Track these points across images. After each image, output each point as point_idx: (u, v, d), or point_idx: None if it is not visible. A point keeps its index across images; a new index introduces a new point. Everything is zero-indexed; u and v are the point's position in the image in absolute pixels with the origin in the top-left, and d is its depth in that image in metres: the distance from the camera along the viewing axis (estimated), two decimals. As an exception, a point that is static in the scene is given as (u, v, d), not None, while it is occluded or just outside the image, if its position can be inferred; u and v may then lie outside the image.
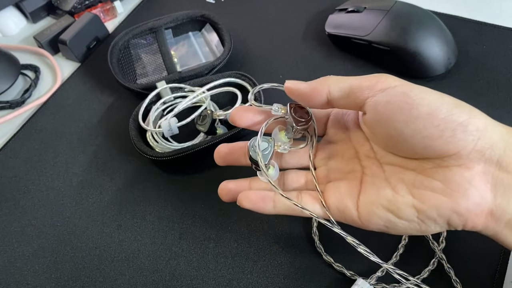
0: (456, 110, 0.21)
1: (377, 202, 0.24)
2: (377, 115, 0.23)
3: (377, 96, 0.23)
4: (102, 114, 0.42)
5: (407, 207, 0.23)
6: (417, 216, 0.22)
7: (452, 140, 0.21)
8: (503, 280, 0.29)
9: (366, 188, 0.25)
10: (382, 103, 0.23)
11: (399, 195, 0.23)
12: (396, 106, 0.22)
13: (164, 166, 0.37)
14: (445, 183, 0.22)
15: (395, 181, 0.24)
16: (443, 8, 0.47)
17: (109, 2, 0.51)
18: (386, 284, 0.29)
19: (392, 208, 0.23)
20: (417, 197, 0.22)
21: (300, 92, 0.26)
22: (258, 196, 0.26)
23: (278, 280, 0.31)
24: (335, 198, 0.25)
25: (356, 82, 0.24)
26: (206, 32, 0.47)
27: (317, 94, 0.25)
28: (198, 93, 0.39)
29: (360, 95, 0.24)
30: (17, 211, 0.36)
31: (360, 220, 0.24)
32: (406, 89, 0.23)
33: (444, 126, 0.21)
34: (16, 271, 0.33)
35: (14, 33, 0.51)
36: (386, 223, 0.23)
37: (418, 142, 0.22)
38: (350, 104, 0.25)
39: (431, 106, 0.22)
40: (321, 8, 0.49)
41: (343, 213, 0.25)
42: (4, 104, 0.43)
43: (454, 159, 0.21)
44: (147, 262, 0.32)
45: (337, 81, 0.25)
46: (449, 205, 0.21)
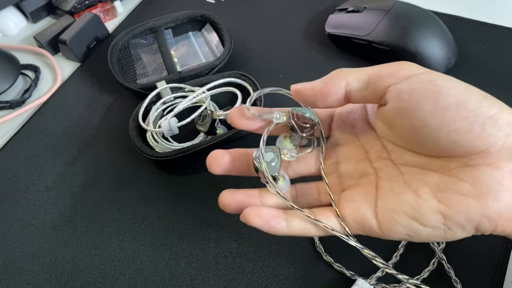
0: (485, 102, 0.19)
1: (399, 209, 0.21)
2: (401, 104, 0.21)
3: (401, 84, 0.21)
4: (102, 114, 0.42)
5: (432, 213, 0.20)
6: (444, 222, 0.20)
7: (482, 135, 0.19)
8: (503, 280, 0.29)
9: (383, 194, 0.22)
10: (407, 91, 0.20)
11: (422, 199, 0.21)
12: (422, 94, 0.20)
13: (164, 166, 0.37)
14: (474, 184, 0.20)
15: (417, 184, 0.21)
16: (443, 8, 0.47)
17: (109, 2, 0.51)
18: (386, 284, 0.29)
19: (416, 215, 0.21)
20: (443, 202, 0.20)
21: (312, 91, 0.23)
22: (269, 214, 0.22)
23: (278, 280, 0.31)
24: (350, 209, 0.23)
25: (374, 70, 0.22)
26: (206, 32, 0.47)
27: (333, 88, 0.22)
28: (198, 93, 0.39)
29: (381, 84, 0.21)
30: (17, 211, 0.36)
31: (381, 230, 0.22)
32: (433, 77, 0.20)
33: (473, 118, 0.19)
34: (16, 271, 0.33)
35: (14, 33, 0.51)
36: (410, 231, 0.21)
37: (444, 135, 0.20)
38: (369, 96, 0.22)
39: (460, 96, 0.20)
40: (321, 8, 0.49)
41: (361, 224, 0.22)
42: (4, 104, 0.43)
43: (482, 157, 0.19)
44: (147, 262, 0.32)
45: (352, 71, 0.22)
46: (479, 209, 0.19)
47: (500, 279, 0.29)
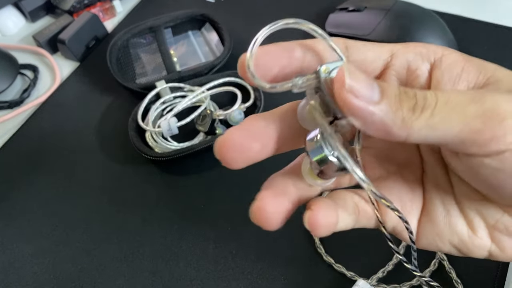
0: None
1: (445, 238, 0.19)
2: (481, 176, 0.16)
3: (487, 159, 0.15)
4: (101, 113, 0.42)
5: (480, 250, 0.18)
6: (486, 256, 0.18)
7: None
8: (504, 280, 0.29)
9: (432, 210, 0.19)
10: (493, 170, 0.15)
11: (477, 236, 0.18)
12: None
13: (164, 166, 0.37)
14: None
15: (472, 213, 0.18)
16: (444, 7, 0.47)
17: (108, 1, 0.51)
18: (386, 285, 0.29)
19: (461, 247, 0.18)
20: (496, 243, 0.18)
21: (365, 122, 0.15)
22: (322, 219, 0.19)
23: (278, 281, 0.31)
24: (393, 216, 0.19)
25: (466, 128, 0.14)
26: (205, 31, 0.47)
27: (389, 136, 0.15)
28: (197, 93, 0.39)
29: (462, 149, 0.15)
30: (16, 211, 0.36)
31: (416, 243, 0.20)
32: None
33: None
34: (15, 271, 0.33)
35: (13, 33, 0.51)
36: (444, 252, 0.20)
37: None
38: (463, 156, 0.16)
39: None
40: (322, 7, 0.49)
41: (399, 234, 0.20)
42: (3, 104, 0.43)
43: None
44: (146, 262, 0.32)
45: (424, 120, 0.15)
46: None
47: (501, 280, 0.29)
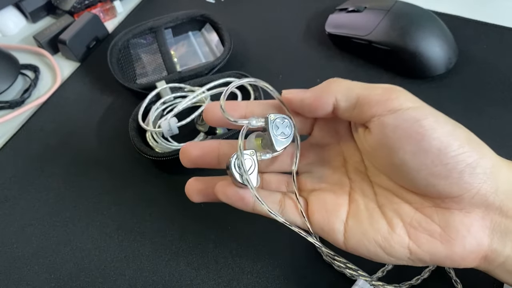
0: (467, 148, 0.20)
1: (370, 236, 0.21)
2: (383, 138, 0.21)
3: (386, 117, 0.20)
4: (101, 114, 0.42)
5: (401, 247, 0.21)
6: (409, 256, 0.21)
7: (458, 182, 0.20)
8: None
9: (357, 211, 0.22)
10: (390, 127, 0.20)
11: (395, 233, 0.21)
12: (405, 134, 0.20)
13: (164, 166, 0.37)
14: (444, 228, 0.20)
15: (391, 213, 0.22)
16: (444, 8, 0.47)
17: (108, 1, 0.51)
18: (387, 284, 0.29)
19: (385, 246, 0.21)
20: (413, 239, 0.21)
21: (302, 103, 0.23)
22: (237, 194, 0.23)
23: (278, 281, 0.31)
24: (320, 216, 0.23)
25: (365, 93, 0.21)
26: (206, 31, 0.47)
27: (322, 103, 0.22)
28: (198, 93, 0.39)
29: (367, 110, 0.21)
30: (17, 211, 0.36)
31: (345, 246, 0.22)
32: (420, 115, 0.20)
33: (452, 165, 0.19)
34: (16, 271, 0.33)
35: (14, 33, 0.51)
36: (373, 256, 0.22)
37: (422, 177, 0.20)
38: (355, 118, 0.22)
39: (443, 141, 0.19)
40: (321, 8, 0.49)
41: (327, 234, 0.23)
42: (4, 104, 0.43)
43: (456, 202, 0.20)
44: (147, 262, 0.32)
45: (344, 88, 0.22)
46: (445, 252, 0.20)
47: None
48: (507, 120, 0.37)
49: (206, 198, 0.25)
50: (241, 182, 0.22)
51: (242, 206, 0.23)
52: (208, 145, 0.26)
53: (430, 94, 0.40)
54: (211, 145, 0.26)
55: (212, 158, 0.25)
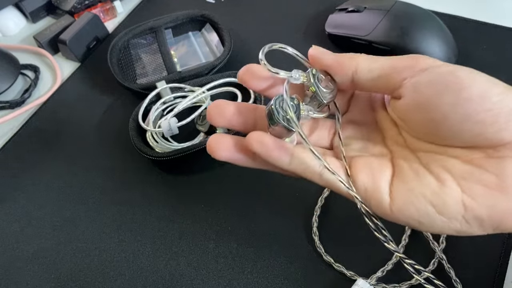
0: (509, 94, 0.19)
1: (418, 191, 0.20)
2: (419, 97, 0.20)
3: (418, 77, 0.20)
4: (102, 114, 0.42)
5: (455, 202, 0.19)
6: (463, 215, 0.19)
7: (507, 126, 0.18)
8: (503, 280, 0.29)
9: (402, 172, 0.21)
10: (425, 84, 0.20)
11: (445, 186, 0.19)
12: (442, 86, 0.19)
13: (164, 166, 0.37)
14: (500, 176, 0.18)
15: (438, 169, 0.20)
16: (443, 8, 0.47)
17: (109, 2, 0.51)
18: (386, 284, 0.29)
19: (436, 202, 0.19)
20: (467, 192, 0.19)
21: (323, 63, 0.22)
22: (275, 143, 0.21)
23: (278, 280, 0.31)
24: (365, 175, 0.21)
25: (389, 62, 0.21)
26: (206, 32, 0.47)
27: (342, 70, 0.21)
28: (198, 93, 0.39)
29: (396, 76, 0.20)
30: (17, 211, 0.36)
31: (391, 209, 0.20)
32: (453, 68, 0.19)
33: (497, 110, 0.18)
34: (16, 271, 0.33)
35: (14, 33, 0.51)
36: (423, 217, 0.19)
37: (468, 128, 0.19)
38: (380, 87, 0.21)
39: (483, 88, 0.19)
40: (321, 8, 0.49)
41: (371, 196, 0.21)
42: (4, 104, 0.43)
43: (509, 149, 0.18)
44: (147, 262, 0.32)
45: (367, 59, 0.21)
46: (504, 204, 0.18)
47: (500, 279, 0.29)
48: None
49: (233, 155, 0.22)
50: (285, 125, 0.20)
51: (279, 158, 0.21)
52: (243, 105, 0.23)
53: (430, 94, 0.40)
54: (247, 106, 0.24)
55: (249, 118, 0.23)
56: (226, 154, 0.22)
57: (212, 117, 0.23)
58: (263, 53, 0.22)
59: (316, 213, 0.33)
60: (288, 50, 0.23)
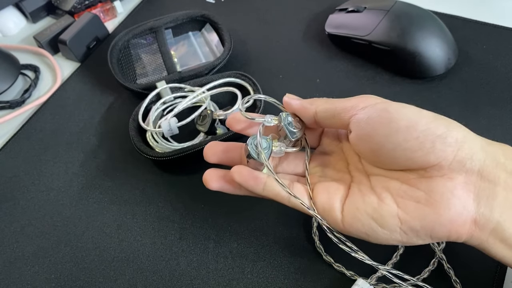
0: (434, 124, 0.22)
1: (362, 209, 0.24)
2: (360, 131, 0.24)
3: (359, 114, 0.24)
4: (102, 114, 0.42)
5: (391, 216, 0.23)
6: (400, 227, 0.23)
7: (433, 151, 0.22)
8: (503, 280, 0.29)
9: (352, 194, 0.25)
10: (364, 120, 0.24)
11: (384, 203, 0.23)
12: (376, 121, 0.23)
13: (164, 166, 0.37)
14: (428, 193, 0.22)
15: (381, 190, 0.24)
16: (443, 8, 0.47)
17: (109, 2, 0.51)
18: (386, 284, 0.29)
19: (376, 216, 0.23)
20: (402, 207, 0.23)
21: (292, 108, 0.27)
22: (251, 174, 0.26)
23: (278, 280, 0.31)
24: (323, 197, 0.25)
25: (340, 103, 0.25)
26: (206, 32, 0.47)
27: (305, 112, 0.26)
28: (198, 93, 0.39)
29: (345, 115, 0.25)
30: (17, 211, 0.36)
31: (343, 224, 0.24)
32: (386, 105, 0.24)
33: (423, 138, 0.22)
34: (16, 271, 0.33)
35: (14, 33, 0.51)
36: (368, 230, 0.23)
37: (399, 154, 0.23)
38: (336, 124, 0.26)
39: (410, 120, 0.22)
40: (321, 8, 0.49)
41: (328, 213, 0.25)
42: (4, 104, 0.43)
43: (437, 170, 0.22)
44: (147, 262, 0.32)
45: (323, 102, 0.26)
46: (432, 216, 0.22)
47: (500, 279, 0.29)
48: (507, 120, 0.37)
49: (222, 185, 0.27)
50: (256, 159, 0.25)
51: (254, 186, 0.26)
52: (232, 144, 0.29)
53: (429, 94, 0.40)
54: (234, 145, 0.29)
55: (235, 154, 0.29)
56: (216, 184, 0.27)
57: (206, 156, 0.29)
58: (242, 105, 0.29)
59: (316, 213, 0.33)
60: (268, 99, 0.28)
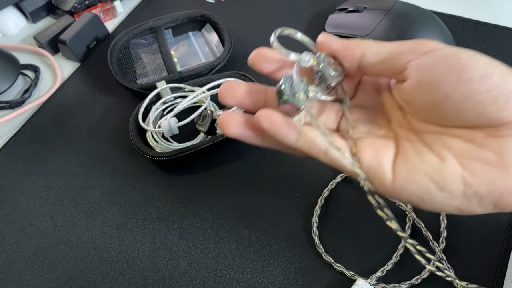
0: (509, 76, 0.20)
1: (419, 168, 0.20)
2: (422, 78, 0.21)
3: (422, 59, 0.21)
4: (102, 114, 0.42)
5: (455, 178, 0.20)
6: (463, 190, 0.20)
7: (507, 106, 0.19)
8: (503, 280, 0.29)
9: (404, 151, 0.21)
10: (429, 65, 0.20)
11: (446, 163, 0.20)
12: (446, 67, 0.20)
13: (164, 166, 0.37)
14: (499, 154, 0.19)
15: (440, 148, 0.21)
16: (443, 8, 0.47)
17: (109, 2, 0.51)
18: (386, 284, 0.29)
19: (437, 178, 0.20)
20: (467, 169, 0.20)
21: (331, 48, 0.23)
22: (283, 120, 0.21)
23: (278, 280, 0.31)
24: (369, 154, 0.22)
25: (394, 46, 0.22)
26: (206, 32, 0.47)
27: (350, 54, 0.22)
28: (198, 93, 0.39)
29: (401, 59, 0.21)
30: (17, 211, 0.36)
31: (393, 186, 0.21)
32: (456, 50, 0.20)
33: (498, 91, 0.19)
34: (16, 271, 0.33)
35: (14, 33, 0.51)
36: (425, 194, 0.20)
37: (469, 108, 0.20)
38: (386, 70, 0.22)
39: (484, 69, 0.20)
40: (321, 8, 0.49)
41: (374, 174, 0.21)
42: (4, 104, 0.43)
43: (508, 128, 0.19)
44: (147, 262, 0.32)
45: (373, 44, 0.22)
46: (503, 180, 0.19)
47: (500, 279, 0.29)
48: (507, 120, 0.37)
49: (244, 132, 0.23)
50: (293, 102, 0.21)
51: (287, 134, 0.22)
52: (254, 86, 0.24)
53: (430, 94, 0.40)
54: (258, 86, 0.24)
55: (259, 98, 0.24)
56: (236, 130, 0.22)
57: (224, 96, 0.23)
58: (275, 36, 0.23)
59: (316, 213, 0.33)
60: (297, 35, 0.24)
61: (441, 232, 0.31)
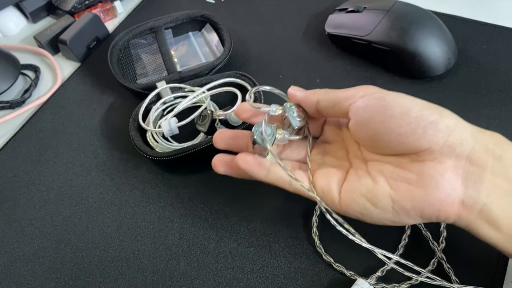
0: (427, 111, 0.24)
1: (357, 190, 0.26)
2: (358, 117, 0.26)
3: (358, 102, 0.26)
4: (102, 114, 0.42)
5: (384, 196, 0.24)
6: (392, 206, 0.24)
7: (424, 136, 0.23)
8: (503, 280, 0.29)
9: (350, 178, 0.27)
10: (362, 107, 0.26)
11: (378, 184, 0.25)
12: (373, 109, 0.25)
13: (164, 166, 0.37)
14: (419, 175, 0.24)
15: (375, 173, 0.26)
16: (443, 8, 0.47)
17: (109, 2, 0.51)
18: (386, 284, 0.29)
19: (370, 196, 0.25)
20: (394, 188, 0.24)
21: (296, 98, 0.29)
22: (255, 161, 0.28)
23: (278, 280, 0.31)
24: (322, 181, 0.27)
25: (340, 93, 0.27)
26: (206, 32, 0.47)
27: (308, 102, 0.28)
28: (198, 93, 0.39)
29: (345, 103, 0.27)
30: (17, 211, 0.36)
31: (340, 204, 0.26)
32: (382, 94, 0.26)
33: (415, 124, 0.23)
34: (16, 271, 0.33)
35: (14, 33, 0.52)
36: (363, 210, 0.25)
37: (393, 139, 0.24)
38: (336, 112, 0.28)
39: (404, 107, 0.24)
40: (321, 8, 0.49)
41: (326, 195, 0.27)
42: (4, 104, 0.43)
43: (428, 154, 0.24)
44: (147, 262, 0.32)
45: (325, 92, 0.28)
46: (422, 196, 0.23)
47: (500, 279, 0.29)
48: (506, 120, 0.37)
49: (229, 170, 0.30)
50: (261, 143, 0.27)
51: (258, 172, 0.28)
52: (239, 132, 0.31)
53: (429, 95, 0.40)
54: (242, 132, 0.31)
55: (243, 142, 0.30)
56: (223, 169, 0.30)
57: (216, 141, 0.31)
58: (249, 94, 0.30)
59: (316, 213, 0.33)
60: (273, 90, 0.31)
61: (441, 232, 0.31)
